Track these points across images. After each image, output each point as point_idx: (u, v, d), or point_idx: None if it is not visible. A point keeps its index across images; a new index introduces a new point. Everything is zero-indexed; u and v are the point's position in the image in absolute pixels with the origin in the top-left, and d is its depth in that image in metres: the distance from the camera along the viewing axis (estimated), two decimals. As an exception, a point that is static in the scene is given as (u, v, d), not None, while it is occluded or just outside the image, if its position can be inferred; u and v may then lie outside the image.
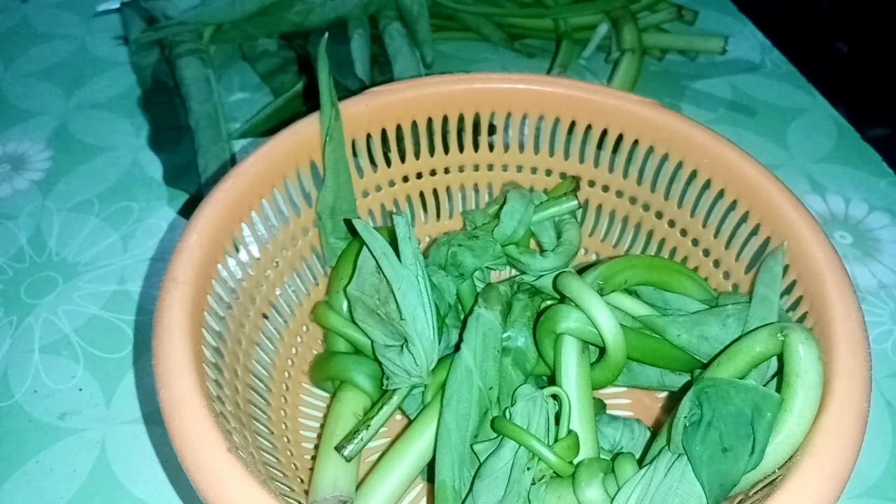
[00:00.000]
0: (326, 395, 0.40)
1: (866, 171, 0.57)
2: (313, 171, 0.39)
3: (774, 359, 0.30)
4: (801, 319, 0.32)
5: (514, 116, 0.41)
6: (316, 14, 0.59)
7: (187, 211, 0.52)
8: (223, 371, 0.32)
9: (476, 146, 0.43)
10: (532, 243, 0.42)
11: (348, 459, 0.34)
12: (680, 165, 0.39)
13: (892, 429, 0.42)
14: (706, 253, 0.40)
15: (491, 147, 0.43)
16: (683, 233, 0.41)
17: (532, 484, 0.31)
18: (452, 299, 0.39)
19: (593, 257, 0.45)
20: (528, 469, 0.31)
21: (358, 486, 0.34)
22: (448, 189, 0.44)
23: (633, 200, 0.42)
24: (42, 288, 0.47)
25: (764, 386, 0.29)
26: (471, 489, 0.32)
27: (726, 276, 0.39)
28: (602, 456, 0.33)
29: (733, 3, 0.74)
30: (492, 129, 0.42)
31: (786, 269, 0.33)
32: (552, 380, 0.35)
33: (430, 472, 0.34)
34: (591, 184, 0.43)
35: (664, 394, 0.41)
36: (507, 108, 0.41)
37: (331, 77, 0.38)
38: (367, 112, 0.39)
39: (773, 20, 0.72)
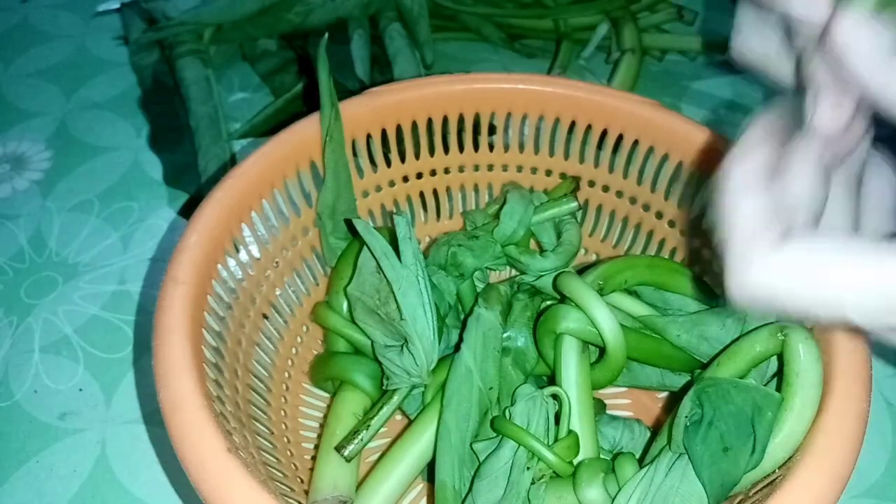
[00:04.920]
0: (326, 395, 0.40)
1: (866, 171, 0.56)
2: (313, 171, 0.39)
3: (774, 358, 0.30)
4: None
5: (514, 116, 0.41)
6: (316, 14, 0.59)
7: (187, 211, 0.52)
8: (223, 371, 0.32)
9: (476, 146, 0.43)
10: (532, 243, 0.42)
11: (348, 459, 0.34)
12: (680, 165, 0.39)
13: (892, 429, 0.42)
14: (706, 253, 0.40)
15: (491, 147, 0.43)
16: (683, 233, 0.41)
17: (532, 484, 0.31)
18: (452, 299, 0.39)
19: (593, 257, 0.45)
20: (528, 469, 0.31)
21: (358, 486, 0.34)
22: (448, 189, 0.44)
23: (633, 200, 0.42)
24: (42, 288, 0.47)
25: (764, 386, 0.29)
26: (470, 489, 0.32)
27: (726, 276, 0.39)
28: (602, 456, 0.33)
29: (733, 3, 0.74)
30: (492, 129, 0.42)
31: (786, 269, 0.33)
32: (552, 380, 0.35)
33: (430, 472, 0.34)
34: (591, 184, 0.43)
35: (664, 394, 0.41)
36: (507, 108, 0.41)
37: (331, 77, 0.38)
38: (367, 112, 0.39)
39: (772, 20, 0.72)
